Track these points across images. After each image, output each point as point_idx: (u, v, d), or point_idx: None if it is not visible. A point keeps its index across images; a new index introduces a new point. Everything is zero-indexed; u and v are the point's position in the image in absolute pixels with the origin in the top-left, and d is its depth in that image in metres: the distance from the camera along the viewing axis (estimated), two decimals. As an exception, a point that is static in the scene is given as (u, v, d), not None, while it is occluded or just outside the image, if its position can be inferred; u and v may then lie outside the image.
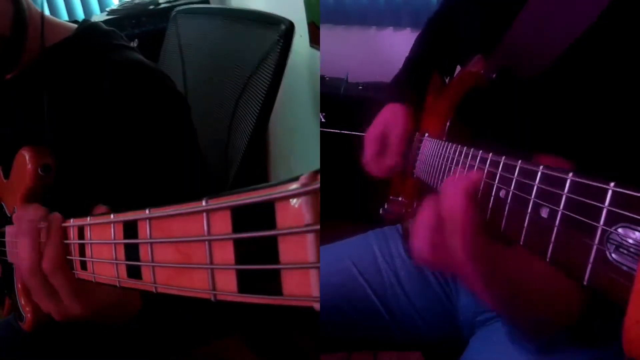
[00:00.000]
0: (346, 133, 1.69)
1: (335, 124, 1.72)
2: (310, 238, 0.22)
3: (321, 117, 1.74)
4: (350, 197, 1.59)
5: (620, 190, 0.26)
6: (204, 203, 0.28)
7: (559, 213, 0.30)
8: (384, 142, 0.82)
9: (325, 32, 2.01)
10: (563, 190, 0.30)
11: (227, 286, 0.26)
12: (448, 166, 0.56)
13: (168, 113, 0.74)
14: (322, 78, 1.79)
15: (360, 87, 1.75)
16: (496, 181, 0.41)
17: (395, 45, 0.99)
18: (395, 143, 0.80)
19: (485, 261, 0.40)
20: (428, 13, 0.95)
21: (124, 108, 0.70)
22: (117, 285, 0.39)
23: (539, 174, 0.35)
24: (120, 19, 1.80)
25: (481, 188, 0.42)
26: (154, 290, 0.33)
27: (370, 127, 0.84)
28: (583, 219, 0.28)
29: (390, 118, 0.82)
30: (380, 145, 0.82)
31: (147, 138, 0.70)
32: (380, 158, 0.82)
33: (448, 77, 0.82)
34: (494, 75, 0.62)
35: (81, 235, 0.45)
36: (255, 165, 1.03)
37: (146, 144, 0.70)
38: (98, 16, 1.96)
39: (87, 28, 0.78)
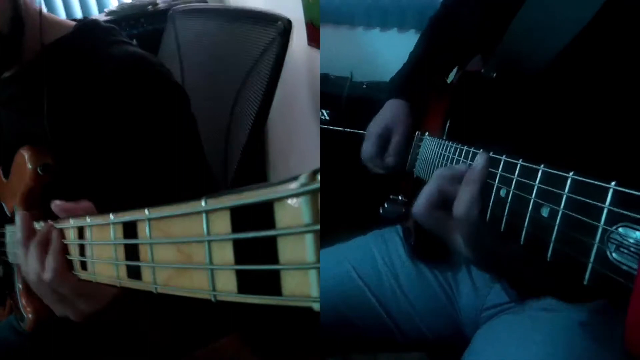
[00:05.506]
0: (349, 131, 1.70)
1: (338, 122, 1.73)
2: (309, 238, 0.22)
3: (325, 114, 1.74)
4: (351, 196, 1.59)
5: (621, 189, 0.26)
6: (203, 203, 0.28)
7: (560, 212, 0.30)
8: (386, 139, 0.81)
9: (329, 31, 2.01)
10: (564, 189, 0.30)
11: (227, 286, 0.26)
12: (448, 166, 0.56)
13: (168, 107, 0.73)
14: (327, 76, 1.80)
15: (365, 86, 1.76)
16: (496, 180, 0.41)
17: (399, 46, 0.99)
18: (397, 142, 0.80)
19: None
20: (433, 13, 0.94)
21: (125, 103, 0.69)
22: (118, 285, 0.39)
23: (540, 173, 0.35)
24: (118, 19, 1.79)
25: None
26: (154, 290, 0.33)
27: (372, 124, 0.84)
28: (584, 218, 0.28)
29: (392, 115, 0.82)
30: (383, 142, 0.81)
31: (147, 132, 0.70)
32: (382, 155, 0.81)
33: (449, 77, 0.82)
34: (494, 75, 0.62)
35: (81, 235, 0.45)
36: (254, 165, 1.03)
37: (147, 139, 0.70)
38: (96, 17, 1.96)
39: (86, 25, 0.78)
